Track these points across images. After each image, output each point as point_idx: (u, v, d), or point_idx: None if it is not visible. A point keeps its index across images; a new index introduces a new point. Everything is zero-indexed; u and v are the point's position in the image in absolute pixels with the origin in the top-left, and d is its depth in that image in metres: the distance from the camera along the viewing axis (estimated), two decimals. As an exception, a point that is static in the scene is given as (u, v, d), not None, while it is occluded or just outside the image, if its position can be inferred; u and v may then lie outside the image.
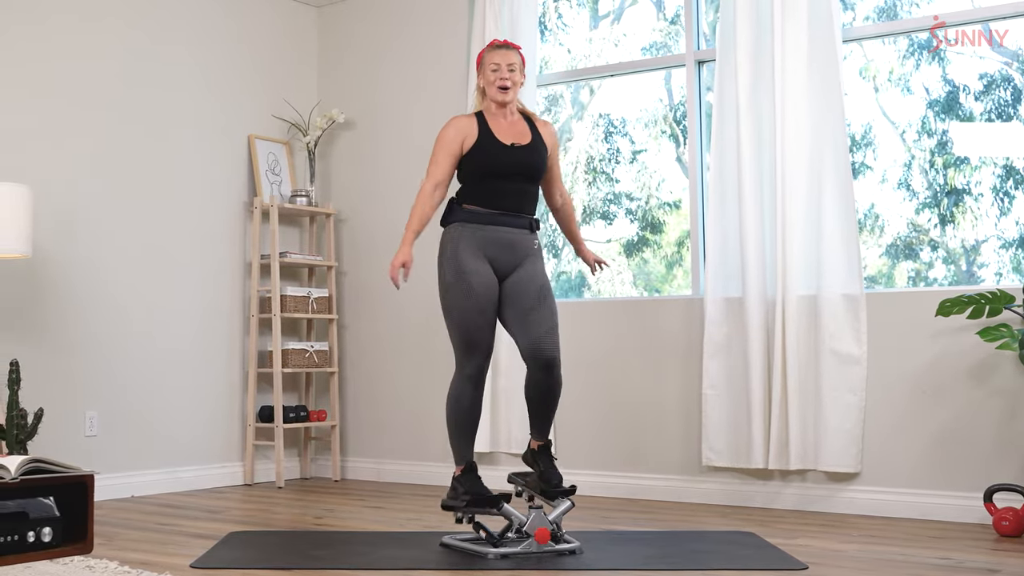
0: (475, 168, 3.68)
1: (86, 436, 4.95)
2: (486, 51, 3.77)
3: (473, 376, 3.65)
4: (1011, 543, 3.75)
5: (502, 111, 3.75)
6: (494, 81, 3.70)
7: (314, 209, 5.85)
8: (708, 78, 5.09)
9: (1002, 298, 4.01)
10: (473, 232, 3.65)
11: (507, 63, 3.70)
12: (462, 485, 3.64)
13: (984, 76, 4.62)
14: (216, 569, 3.33)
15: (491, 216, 3.67)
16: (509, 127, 3.73)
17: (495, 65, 3.71)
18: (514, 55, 3.74)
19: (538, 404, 3.70)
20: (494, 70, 3.71)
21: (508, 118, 3.75)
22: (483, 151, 3.66)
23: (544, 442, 3.74)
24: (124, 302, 5.16)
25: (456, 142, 3.67)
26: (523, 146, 3.70)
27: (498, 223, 3.67)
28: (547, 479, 3.67)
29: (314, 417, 5.82)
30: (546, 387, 3.66)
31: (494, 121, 3.73)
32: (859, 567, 3.32)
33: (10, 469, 2.57)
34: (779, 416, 4.53)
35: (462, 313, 3.62)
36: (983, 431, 4.21)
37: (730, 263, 4.75)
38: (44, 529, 2.67)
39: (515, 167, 3.67)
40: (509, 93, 3.71)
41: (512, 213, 3.69)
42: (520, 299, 3.66)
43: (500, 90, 3.69)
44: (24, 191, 4.31)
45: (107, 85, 5.16)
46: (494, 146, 3.66)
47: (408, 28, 5.90)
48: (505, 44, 3.78)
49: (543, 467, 3.70)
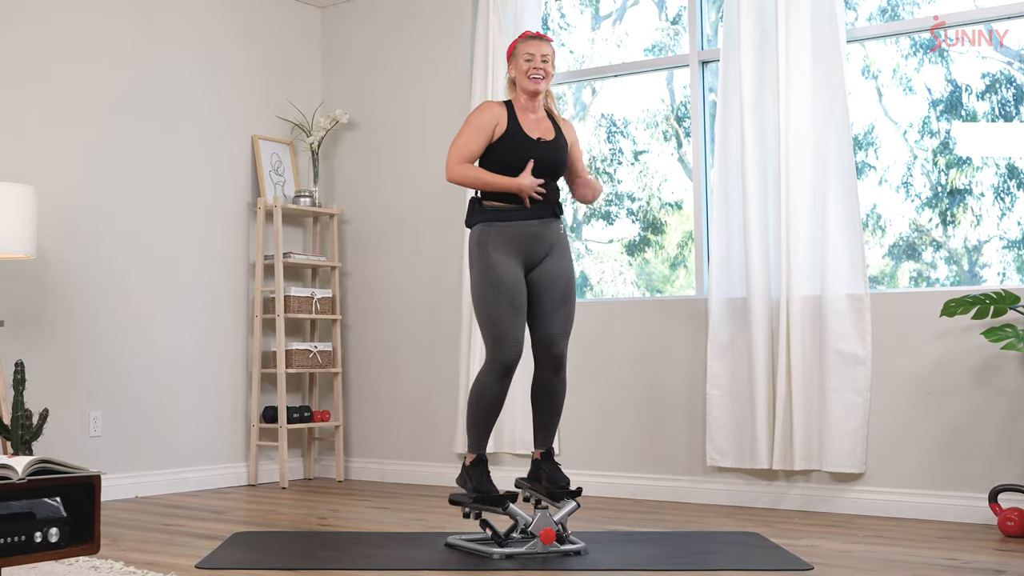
0: (500, 160, 3.67)
1: (91, 436, 4.95)
2: (519, 41, 3.77)
3: (499, 370, 3.61)
4: (1016, 543, 3.74)
5: (531, 104, 3.74)
6: (527, 71, 3.69)
7: (317, 209, 5.85)
8: (711, 78, 5.09)
9: (1007, 298, 4.01)
10: (500, 230, 3.65)
11: (540, 54, 3.70)
12: (471, 479, 3.65)
13: (987, 76, 4.63)
14: (221, 570, 3.33)
15: (514, 212, 3.67)
16: (536, 122, 3.74)
17: (529, 55, 3.70)
18: (547, 47, 3.73)
19: (543, 408, 3.74)
20: (528, 60, 3.70)
21: (536, 112, 3.76)
22: (510, 144, 3.66)
23: (546, 449, 3.76)
24: (128, 303, 5.16)
25: (489, 126, 3.67)
26: (548, 142, 3.71)
27: (522, 218, 3.67)
28: (553, 480, 3.67)
29: (318, 417, 5.82)
30: (552, 389, 3.70)
31: (523, 114, 3.73)
32: (864, 567, 3.32)
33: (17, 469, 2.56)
34: (783, 417, 4.53)
35: (492, 306, 3.62)
36: (988, 431, 4.21)
37: (734, 263, 4.75)
38: (51, 529, 2.66)
39: (540, 162, 3.67)
40: (541, 84, 3.70)
41: (535, 206, 3.69)
42: (545, 295, 3.68)
43: (533, 80, 3.69)
44: (28, 192, 4.31)
45: (111, 85, 5.16)
46: (521, 140, 3.67)
47: (412, 29, 5.90)
48: (539, 35, 3.78)
49: (548, 471, 3.71)
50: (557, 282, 3.69)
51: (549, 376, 3.69)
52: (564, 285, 3.70)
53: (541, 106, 3.78)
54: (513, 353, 3.61)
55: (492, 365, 3.62)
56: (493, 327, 3.61)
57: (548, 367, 3.68)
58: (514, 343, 3.61)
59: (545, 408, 3.74)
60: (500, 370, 3.61)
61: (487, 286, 3.63)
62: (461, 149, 3.67)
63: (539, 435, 3.77)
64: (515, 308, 3.62)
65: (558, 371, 3.69)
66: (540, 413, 3.75)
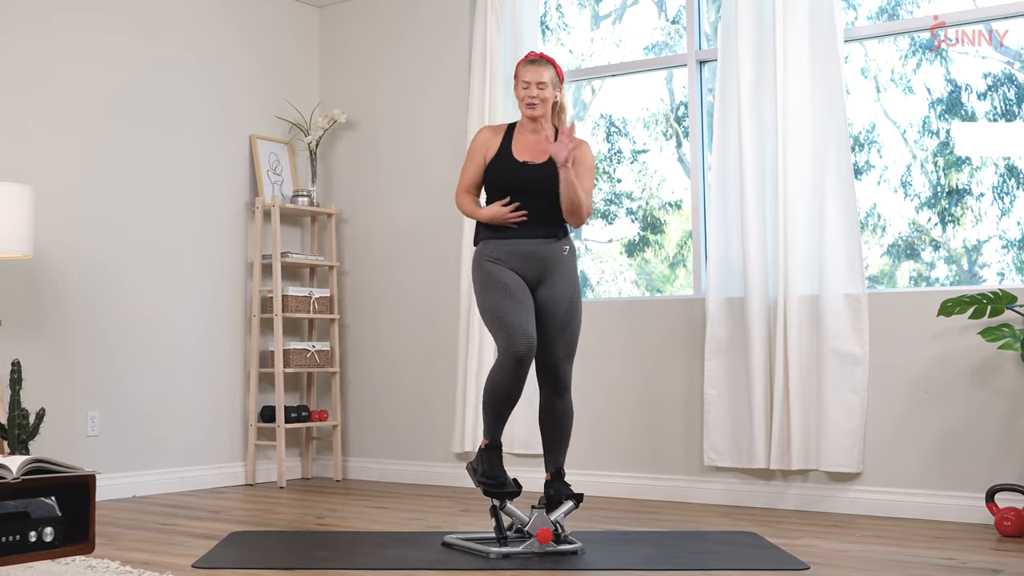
0: (490, 183, 3.78)
1: (88, 436, 4.95)
2: (520, 65, 3.79)
3: (510, 364, 3.54)
4: (1013, 543, 3.74)
5: (534, 125, 3.78)
6: (523, 99, 3.75)
7: (316, 209, 5.85)
8: (710, 78, 5.09)
9: (1004, 298, 4.01)
10: (496, 246, 3.71)
11: (536, 81, 3.71)
12: (482, 463, 3.65)
13: (987, 75, 4.62)
14: (218, 569, 3.33)
15: (509, 231, 3.72)
16: (533, 144, 3.76)
17: (526, 83, 3.74)
18: (546, 72, 3.73)
19: (551, 432, 3.76)
20: (524, 88, 3.74)
21: (539, 133, 3.77)
22: (496, 167, 3.75)
23: (557, 468, 3.77)
24: (126, 302, 5.16)
25: (480, 153, 3.81)
26: (536, 165, 3.72)
27: (517, 236, 3.71)
28: (557, 491, 3.70)
29: (316, 417, 5.82)
30: (557, 412, 3.73)
31: (520, 136, 3.78)
32: (861, 567, 3.31)
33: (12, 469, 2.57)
34: (781, 416, 4.53)
35: (492, 302, 3.63)
36: (985, 431, 4.20)
37: (732, 263, 4.74)
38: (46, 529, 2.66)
39: (526, 184, 3.70)
40: (537, 109, 3.73)
41: (528, 226, 3.71)
42: (544, 320, 3.68)
43: (528, 107, 3.74)
44: (26, 191, 4.31)
45: (109, 85, 5.16)
46: (507, 163, 3.73)
47: (410, 28, 5.90)
48: (540, 58, 3.78)
49: (556, 488, 3.73)
50: (557, 307, 3.69)
51: (553, 399, 3.72)
52: (565, 310, 3.70)
53: (547, 125, 3.78)
54: (522, 343, 3.53)
55: (503, 358, 3.58)
56: (498, 321, 3.60)
57: (551, 388, 3.71)
58: (521, 333, 3.55)
59: (553, 433, 3.76)
60: (512, 363, 3.53)
61: (486, 287, 3.66)
62: (463, 178, 3.85)
63: (548, 458, 3.79)
64: (516, 300, 3.61)
65: (561, 393, 3.72)
66: (548, 438, 3.78)
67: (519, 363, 3.53)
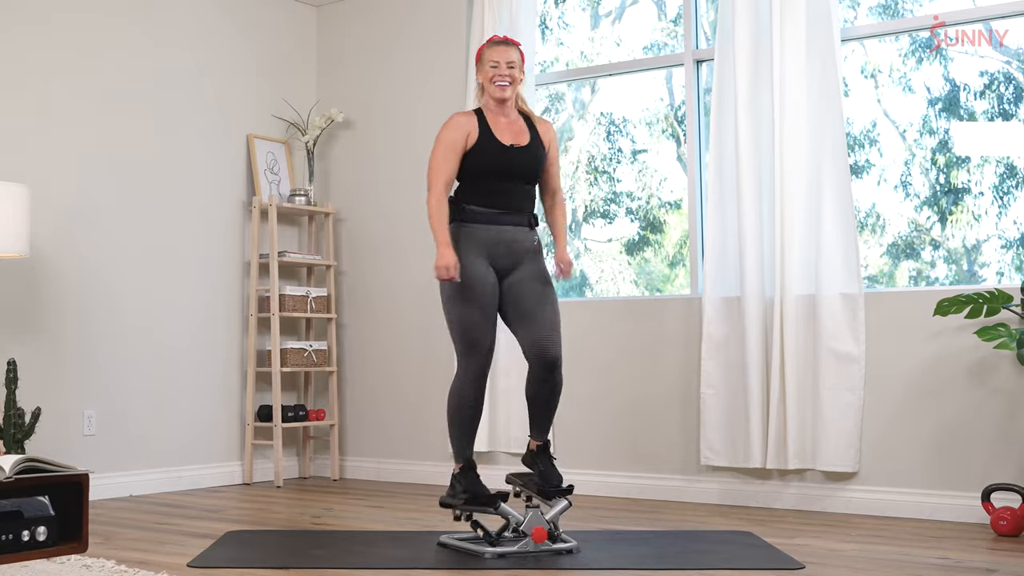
0: (474, 168, 3.68)
1: (84, 435, 4.95)
2: (485, 47, 3.76)
3: (474, 375, 3.63)
4: (1009, 543, 3.74)
5: (501, 108, 3.74)
6: (493, 79, 3.69)
7: (313, 208, 5.85)
8: (707, 77, 5.08)
9: (1000, 297, 4.00)
10: (473, 232, 3.65)
11: (506, 60, 3.69)
12: (460, 483, 3.64)
13: (985, 74, 4.61)
14: (214, 568, 3.33)
15: (490, 215, 3.67)
16: (508, 126, 3.73)
17: (494, 63, 3.69)
18: (514, 52, 3.72)
19: (538, 404, 3.70)
20: (493, 67, 3.69)
21: (508, 116, 3.75)
22: (482, 152, 3.66)
23: (543, 442, 3.73)
24: (122, 301, 5.16)
25: (460, 141, 3.66)
26: (521, 147, 3.70)
27: (497, 222, 3.67)
28: (547, 478, 3.66)
29: (313, 416, 5.82)
30: (548, 387, 3.67)
31: (494, 120, 3.72)
32: (857, 567, 3.31)
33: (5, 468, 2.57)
34: (777, 416, 4.52)
35: (462, 313, 3.61)
36: (981, 431, 4.20)
37: (729, 262, 4.74)
38: (39, 528, 2.66)
39: (513, 168, 3.68)
40: (508, 90, 3.70)
41: (511, 212, 3.70)
42: (522, 299, 3.66)
43: (499, 87, 3.69)
44: (22, 190, 4.31)
45: (106, 84, 5.16)
46: (494, 147, 3.67)
47: (407, 28, 5.89)
48: (505, 40, 3.77)
49: (543, 467, 3.69)
50: (534, 283, 3.68)
51: (544, 376, 3.65)
52: (541, 285, 3.69)
53: (513, 109, 3.77)
54: (486, 360, 3.64)
55: (465, 372, 3.63)
56: (465, 334, 3.62)
57: (542, 368, 3.64)
58: (487, 350, 3.64)
59: (540, 404, 3.70)
60: (475, 376, 3.63)
61: (458, 292, 3.62)
62: (442, 169, 3.64)
63: (535, 428, 3.74)
64: (486, 315, 3.63)
65: (553, 371, 3.65)
66: (537, 409, 3.72)
67: (482, 375, 3.64)
